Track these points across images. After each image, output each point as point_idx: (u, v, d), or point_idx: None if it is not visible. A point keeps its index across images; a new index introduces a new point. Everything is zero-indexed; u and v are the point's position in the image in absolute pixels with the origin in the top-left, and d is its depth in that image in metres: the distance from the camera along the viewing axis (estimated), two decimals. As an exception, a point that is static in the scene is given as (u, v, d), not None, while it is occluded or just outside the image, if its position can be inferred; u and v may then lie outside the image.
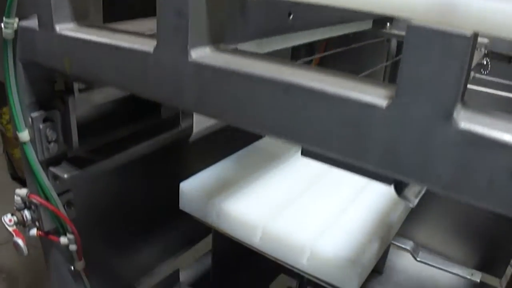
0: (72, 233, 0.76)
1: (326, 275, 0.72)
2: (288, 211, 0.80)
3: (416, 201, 0.84)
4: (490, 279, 1.10)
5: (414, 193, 0.84)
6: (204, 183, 0.85)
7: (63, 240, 0.77)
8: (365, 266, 0.71)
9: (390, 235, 0.82)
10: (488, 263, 1.10)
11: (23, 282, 1.59)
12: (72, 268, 0.81)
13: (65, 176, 0.71)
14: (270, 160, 0.94)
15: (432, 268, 1.09)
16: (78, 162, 0.74)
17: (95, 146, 0.78)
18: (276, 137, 0.41)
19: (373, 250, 0.74)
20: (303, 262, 0.73)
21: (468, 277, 0.82)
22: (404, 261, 0.91)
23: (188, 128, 0.87)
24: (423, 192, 0.86)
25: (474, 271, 0.82)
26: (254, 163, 0.92)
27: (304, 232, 0.75)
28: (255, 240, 0.77)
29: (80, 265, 0.81)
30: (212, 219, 0.82)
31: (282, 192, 0.85)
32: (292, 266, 0.75)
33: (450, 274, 1.09)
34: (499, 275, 1.10)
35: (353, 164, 0.38)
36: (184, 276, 0.96)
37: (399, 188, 0.81)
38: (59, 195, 0.74)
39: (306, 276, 0.74)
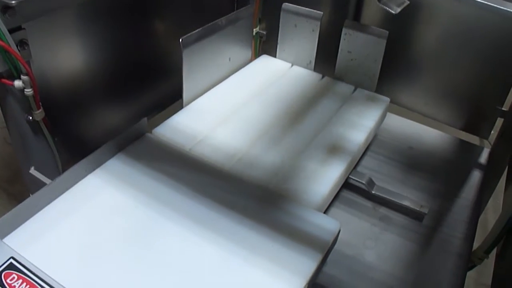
0: (27, 74, 0.70)
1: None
2: (259, 144, 0.86)
3: (399, 9, 0.80)
4: (477, 140, 1.09)
5: (397, 2, 0.79)
6: (175, 129, 0.87)
7: (18, 83, 0.71)
8: (324, 199, 0.76)
9: (349, 169, 0.87)
10: (474, 124, 1.08)
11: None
12: (30, 118, 0.75)
13: (13, 2, 0.64)
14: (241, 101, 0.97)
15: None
16: (28, -8, 0.67)
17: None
18: None
19: (330, 186, 0.79)
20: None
21: (417, 209, 0.84)
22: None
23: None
24: (406, 3, 0.81)
25: (423, 203, 0.85)
26: (223, 104, 0.95)
27: (263, 169, 0.80)
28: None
29: (38, 115, 0.75)
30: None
31: (254, 129, 0.90)
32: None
33: (435, 133, 1.09)
34: (486, 136, 1.08)
35: None
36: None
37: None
38: (10, 32, 0.67)
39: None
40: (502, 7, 0.70)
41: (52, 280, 0.57)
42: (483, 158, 1.02)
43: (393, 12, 0.80)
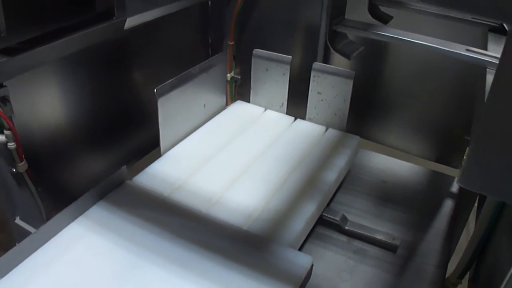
0: (10, 129, 0.73)
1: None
2: (234, 188, 0.90)
3: (353, 55, 0.84)
4: (449, 170, 1.12)
5: (352, 49, 0.84)
6: (154, 176, 0.91)
7: (1, 138, 0.74)
8: (297, 236, 0.80)
9: (322, 206, 0.91)
10: (445, 155, 1.12)
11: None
12: (14, 170, 0.78)
13: (-6, 62, 0.68)
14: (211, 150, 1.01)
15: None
16: (8, 51, 0.70)
17: (26, 38, 0.74)
18: None
19: (303, 225, 0.82)
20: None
21: (390, 241, 0.87)
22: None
23: (122, 20, 0.84)
24: (360, 49, 0.85)
25: (395, 236, 0.88)
26: (199, 151, 0.99)
27: (238, 211, 0.83)
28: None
29: (21, 167, 0.78)
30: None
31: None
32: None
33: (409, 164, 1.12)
34: (457, 165, 1.11)
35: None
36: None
37: (332, 41, 0.80)
38: (-9, 90, 0.71)
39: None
40: (453, 50, 0.75)
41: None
42: (455, 187, 1.06)
43: (348, 59, 0.85)
